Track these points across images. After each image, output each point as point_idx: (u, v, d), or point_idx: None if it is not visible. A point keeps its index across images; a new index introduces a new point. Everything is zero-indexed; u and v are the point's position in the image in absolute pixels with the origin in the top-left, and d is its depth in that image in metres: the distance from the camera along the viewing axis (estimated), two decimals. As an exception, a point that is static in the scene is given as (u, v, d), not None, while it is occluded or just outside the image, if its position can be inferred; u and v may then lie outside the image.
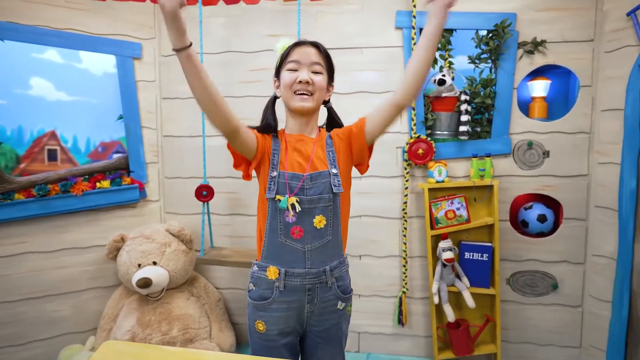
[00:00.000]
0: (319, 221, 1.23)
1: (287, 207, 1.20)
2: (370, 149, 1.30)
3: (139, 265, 2.20)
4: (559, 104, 2.42)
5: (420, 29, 2.24)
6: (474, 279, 2.23)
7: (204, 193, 2.19)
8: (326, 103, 1.37)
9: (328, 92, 1.33)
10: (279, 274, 1.24)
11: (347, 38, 2.32)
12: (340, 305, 1.29)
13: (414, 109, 2.26)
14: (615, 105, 2.11)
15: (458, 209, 2.22)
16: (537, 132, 2.24)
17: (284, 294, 1.25)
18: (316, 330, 1.30)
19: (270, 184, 1.25)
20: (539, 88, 2.31)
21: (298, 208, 1.20)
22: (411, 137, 2.28)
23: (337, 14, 2.31)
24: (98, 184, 2.35)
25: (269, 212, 1.26)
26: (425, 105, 2.29)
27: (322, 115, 1.40)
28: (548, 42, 2.16)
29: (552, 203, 2.31)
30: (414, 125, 2.27)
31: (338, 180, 1.24)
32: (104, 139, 2.63)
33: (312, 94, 1.24)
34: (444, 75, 2.25)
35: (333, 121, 1.39)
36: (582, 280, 2.29)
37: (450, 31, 2.26)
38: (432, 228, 2.23)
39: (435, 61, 2.33)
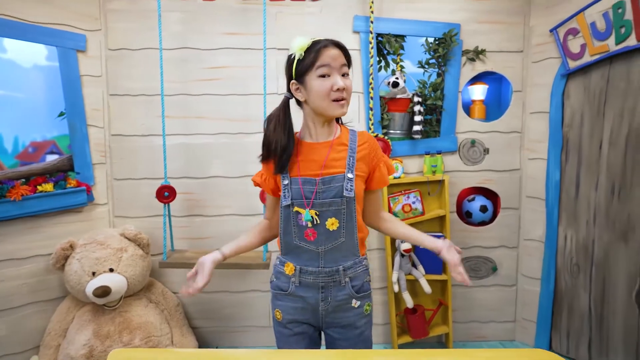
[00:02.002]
0: (332, 224, 1.25)
1: (310, 220, 1.23)
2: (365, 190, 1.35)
3: (94, 273, 2.05)
4: (493, 106, 2.71)
5: (378, 34, 2.37)
6: (428, 267, 2.42)
7: (166, 194, 2.11)
8: None
9: None
10: (294, 270, 1.28)
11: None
12: (355, 303, 1.30)
13: (371, 109, 2.39)
14: (541, 108, 2.42)
15: (414, 202, 2.40)
16: (478, 131, 2.50)
17: (299, 289, 1.29)
18: (334, 327, 1.32)
19: (284, 192, 1.26)
20: (478, 92, 2.58)
21: (317, 221, 1.24)
22: (370, 136, 2.40)
23: (296, 16, 2.36)
24: (39, 188, 2.14)
25: (282, 218, 1.29)
26: (381, 106, 2.43)
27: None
28: (487, 51, 2.42)
29: (491, 195, 2.59)
30: (372, 124, 2.40)
31: (351, 185, 1.23)
32: (35, 139, 2.41)
33: (345, 99, 1.23)
34: (397, 78, 2.41)
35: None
36: (516, 262, 2.59)
37: (402, 37, 2.42)
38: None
39: (387, 64, 2.48)
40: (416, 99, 2.40)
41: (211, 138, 2.38)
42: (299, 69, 1.23)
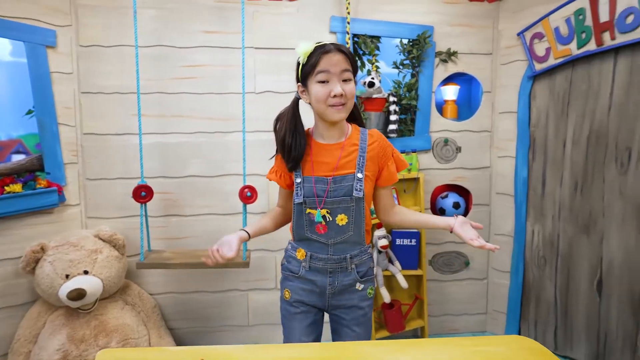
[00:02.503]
0: (341, 219, 1.33)
1: (322, 220, 1.31)
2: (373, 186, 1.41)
3: (67, 276, 1.99)
4: (464, 106, 2.81)
5: (354, 35, 2.41)
6: (405, 263, 2.48)
7: (143, 194, 2.07)
8: None
9: None
10: (305, 256, 1.37)
11: (284, 39, 2.38)
12: (359, 286, 1.39)
13: (348, 109, 2.42)
14: (510, 108, 2.54)
15: (390, 200, 2.45)
16: (451, 130, 2.58)
17: (309, 273, 1.38)
18: (338, 307, 1.41)
19: (297, 190, 1.34)
20: (450, 92, 2.67)
21: (329, 218, 1.32)
22: (347, 135, 2.44)
23: (273, 15, 2.37)
24: (7, 188, 2.06)
25: (294, 212, 1.36)
26: (358, 106, 2.47)
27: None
28: (459, 53, 2.51)
29: (463, 192, 2.68)
30: (349, 124, 2.43)
31: (360, 185, 1.30)
32: (0, 137, 2.32)
33: (344, 104, 1.27)
34: (372, 78, 2.46)
35: (354, 112, 1.41)
36: (487, 256, 2.70)
37: (377, 38, 2.47)
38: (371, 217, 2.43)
39: (363, 65, 2.53)
40: (391, 98, 2.46)
41: (189, 137, 2.35)
42: (302, 73, 1.29)
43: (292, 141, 1.32)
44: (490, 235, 2.68)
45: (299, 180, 1.33)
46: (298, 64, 1.33)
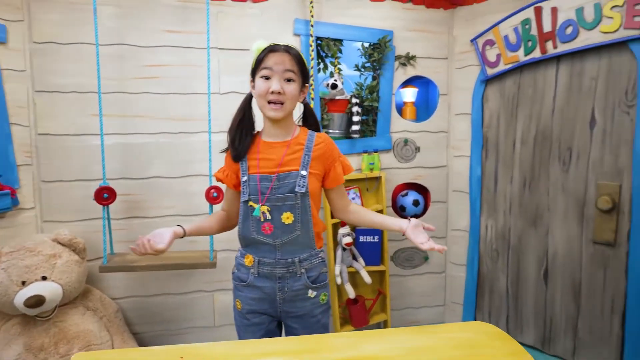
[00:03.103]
0: (287, 217, 1.33)
1: (259, 215, 1.32)
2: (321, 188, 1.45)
3: (23, 282, 1.91)
4: (422, 108, 2.93)
5: (318, 37, 2.46)
6: (368, 259, 2.57)
7: (105, 195, 2.02)
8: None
9: (302, 94, 1.40)
10: (253, 261, 1.36)
11: (248, 40, 2.38)
12: (312, 293, 1.39)
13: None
14: (464, 110, 2.68)
15: (353, 198, 2.53)
16: (410, 131, 2.70)
17: (257, 279, 1.37)
18: (291, 316, 1.40)
19: (243, 188, 1.34)
20: (409, 94, 2.78)
21: (268, 216, 1.32)
22: (311, 136, 2.49)
23: (237, 16, 2.37)
24: (-45, 192, 1.94)
25: (241, 213, 1.36)
26: (321, 107, 2.53)
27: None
28: (417, 57, 2.62)
29: (422, 190, 2.81)
30: (313, 124, 2.49)
31: (304, 182, 1.32)
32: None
33: (283, 104, 1.31)
34: (335, 80, 2.52)
35: (308, 118, 1.47)
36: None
37: (340, 41, 2.54)
38: (332, 217, 2.49)
39: (325, 67, 2.59)
40: (354, 100, 2.53)
41: (151, 137, 2.32)
42: (253, 69, 1.35)
43: (235, 135, 1.36)
44: (447, 231, 2.82)
45: (245, 178, 1.34)
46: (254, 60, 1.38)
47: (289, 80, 1.31)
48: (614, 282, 2.15)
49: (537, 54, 2.31)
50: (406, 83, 2.72)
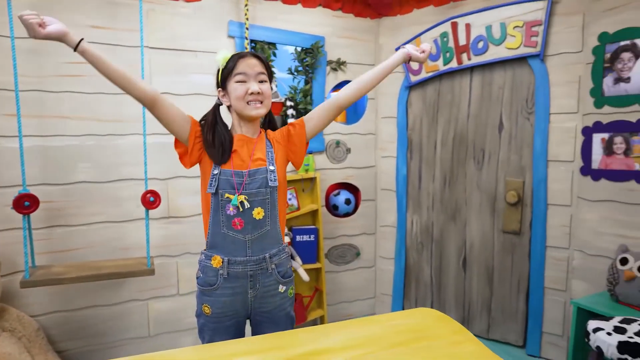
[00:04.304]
0: (258, 213, 1.35)
1: (237, 205, 1.31)
2: (307, 145, 1.49)
3: None
4: (351, 111, 3.08)
5: (252, 40, 2.48)
6: (305, 257, 2.65)
7: (26, 204, 1.85)
8: None
9: None
10: (222, 262, 1.35)
11: (181, 40, 2.34)
12: (282, 288, 1.42)
13: (248, 112, 2.49)
14: (390, 114, 2.88)
15: (290, 199, 2.59)
16: (342, 133, 2.83)
17: (227, 280, 1.35)
18: (261, 312, 1.41)
19: (211, 181, 1.34)
20: (340, 98, 2.90)
21: (247, 205, 1.33)
22: (248, 138, 2.51)
23: (169, 15, 2.30)
24: None
25: (212, 207, 1.35)
26: (257, 109, 2.56)
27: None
28: (347, 63, 2.76)
29: (353, 189, 2.95)
30: (249, 126, 2.50)
31: (274, 176, 1.38)
32: None
33: (262, 102, 1.37)
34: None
35: (270, 121, 1.51)
36: (374, 246, 3.02)
37: (274, 45, 2.58)
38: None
39: (260, 69, 2.61)
40: (288, 103, 2.59)
41: (76, 140, 2.16)
42: (222, 77, 1.39)
43: (213, 136, 1.36)
44: (377, 227, 3.00)
45: (216, 171, 1.34)
46: (218, 71, 1.41)
47: (261, 81, 1.38)
48: (519, 266, 2.47)
49: (454, 64, 2.56)
50: (337, 87, 2.85)
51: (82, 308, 2.26)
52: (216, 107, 1.44)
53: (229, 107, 1.43)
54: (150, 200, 2.02)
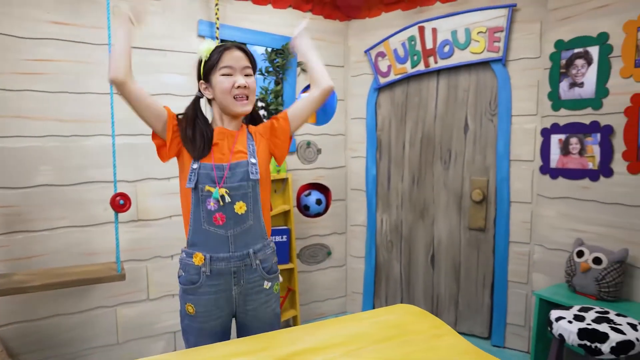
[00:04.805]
0: (240, 207, 1.32)
1: (218, 198, 1.28)
2: (291, 139, 1.47)
3: None
4: (320, 112, 3.11)
5: (223, 40, 2.45)
6: (277, 258, 2.64)
7: (-16, 209, 1.75)
8: None
9: None
10: (204, 259, 1.31)
11: (150, 39, 2.28)
12: (267, 284, 1.39)
13: (219, 113, 2.46)
14: (360, 115, 2.93)
15: (262, 200, 2.58)
16: (312, 134, 2.85)
17: (210, 278, 1.31)
18: (246, 309, 1.37)
19: (190, 175, 1.30)
20: (310, 99, 2.92)
21: (228, 199, 1.29)
22: (219, 139, 2.48)
23: (136, 12, 2.24)
24: None
25: (192, 202, 1.31)
26: (228, 110, 2.53)
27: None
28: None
29: (323, 189, 2.98)
30: (220, 127, 2.47)
31: (256, 169, 1.34)
32: None
33: (248, 97, 1.35)
34: (241, 84, 2.54)
35: (254, 115, 1.48)
36: (345, 245, 3.06)
37: (244, 45, 2.56)
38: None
39: (230, 70, 2.59)
40: (260, 104, 2.58)
41: (36, 141, 2.06)
42: (205, 70, 1.35)
43: (193, 133, 1.32)
44: (347, 226, 3.05)
45: (195, 166, 1.31)
46: (199, 62, 1.38)
47: (247, 75, 1.36)
48: (484, 261, 2.58)
49: (421, 67, 2.64)
50: (307, 88, 2.86)
51: (45, 317, 2.15)
52: (197, 100, 1.40)
53: (209, 100, 1.41)
54: (120, 203, 1.96)
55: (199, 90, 1.40)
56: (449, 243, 2.70)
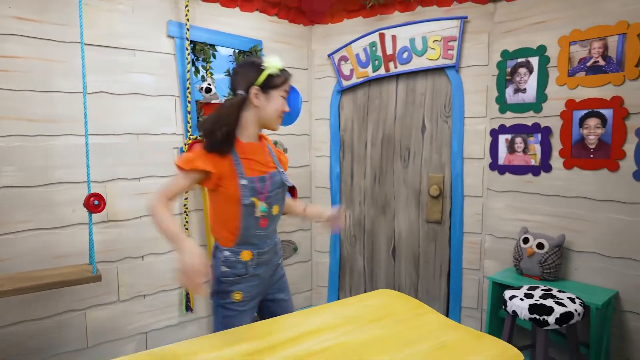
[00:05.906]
0: (275, 209, 1.54)
1: (266, 211, 1.46)
2: None
3: None
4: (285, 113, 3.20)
5: (192, 41, 2.47)
6: (247, 255, 2.71)
7: (-50, 213, 1.67)
8: None
9: None
10: (252, 255, 1.50)
11: (118, 38, 2.26)
12: (282, 262, 1.70)
13: (189, 113, 2.48)
14: (323, 116, 3.06)
15: (232, 199, 2.63)
16: (279, 134, 2.93)
17: (257, 269, 1.53)
18: (276, 289, 1.66)
19: (244, 191, 1.42)
20: (276, 100, 3.01)
21: (271, 207, 1.50)
22: (189, 138, 2.49)
23: (106, 11, 2.21)
24: None
25: (243, 213, 1.43)
26: (197, 110, 2.55)
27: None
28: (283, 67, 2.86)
29: (289, 187, 3.07)
30: (190, 127, 2.50)
31: (286, 176, 1.57)
32: None
33: None
34: (209, 84, 2.58)
35: None
36: (310, 241, 3.18)
37: (213, 46, 2.60)
38: (213, 218, 2.54)
39: (197, 70, 2.61)
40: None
41: None
42: (268, 81, 1.45)
43: (225, 133, 1.40)
44: (312, 223, 3.16)
45: (244, 182, 1.42)
46: (259, 70, 1.46)
47: None
48: (441, 252, 2.81)
49: (382, 71, 2.82)
50: (272, 89, 2.94)
51: (10, 325, 2.07)
52: (244, 100, 1.45)
53: (247, 106, 1.46)
54: (95, 204, 1.94)
55: (245, 92, 1.44)
56: (408, 235, 2.90)
